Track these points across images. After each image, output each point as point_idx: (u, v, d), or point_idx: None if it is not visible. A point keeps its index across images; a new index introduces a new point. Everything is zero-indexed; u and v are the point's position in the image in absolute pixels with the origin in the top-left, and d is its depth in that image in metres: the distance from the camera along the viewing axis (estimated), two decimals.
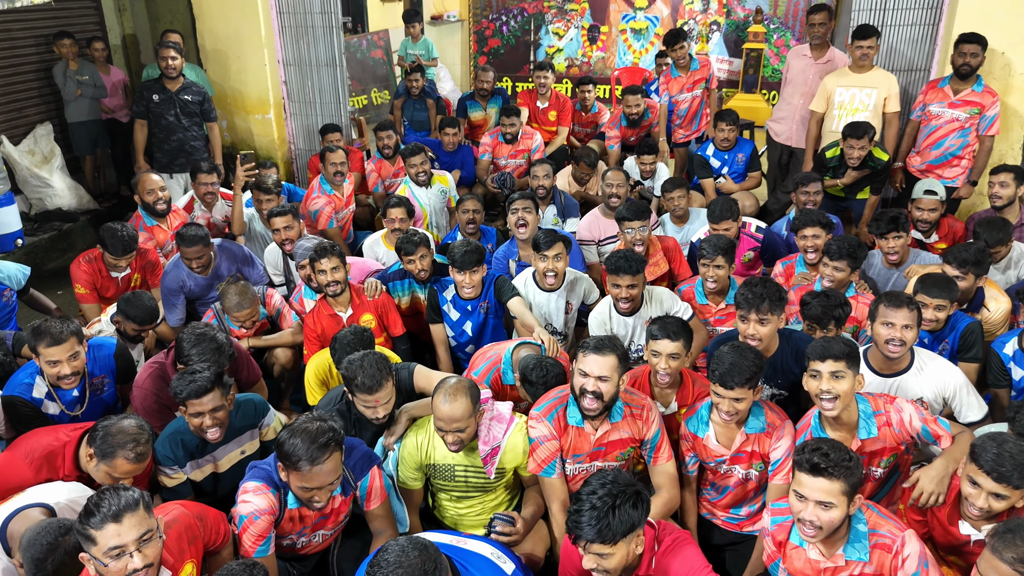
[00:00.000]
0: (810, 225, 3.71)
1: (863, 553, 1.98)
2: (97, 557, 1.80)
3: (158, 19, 7.80)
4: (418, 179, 4.87)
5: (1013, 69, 4.81)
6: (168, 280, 3.95)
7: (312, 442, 2.12)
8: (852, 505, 1.92)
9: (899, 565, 1.93)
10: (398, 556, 1.74)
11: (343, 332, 2.89)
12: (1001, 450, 2.01)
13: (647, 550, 1.95)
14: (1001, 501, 2.00)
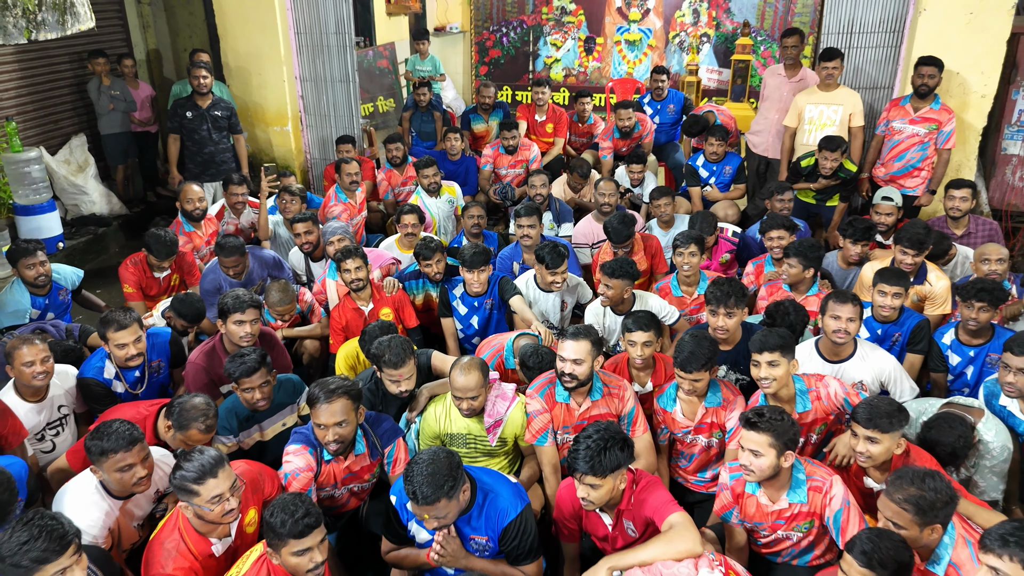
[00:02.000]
0: (775, 228, 4.20)
1: (802, 496, 2.46)
2: (201, 505, 2.27)
3: (178, 34, 8.33)
4: (429, 188, 5.36)
5: (968, 88, 5.29)
6: (207, 282, 4.43)
7: (325, 387, 2.63)
8: (784, 458, 2.40)
9: (827, 503, 2.42)
10: (431, 455, 2.29)
11: (372, 325, 3.37)
12: (871, 404, 2.54)
13: (627, 488, 2.44)
14: (876, 445, 2.50)
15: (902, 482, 2.20)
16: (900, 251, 3.87)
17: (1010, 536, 1.92)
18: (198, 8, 8.21)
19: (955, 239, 4.60)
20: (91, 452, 2.51)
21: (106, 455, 2.47)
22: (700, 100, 9.85)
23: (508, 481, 2.54)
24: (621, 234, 4.25)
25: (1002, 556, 1.91)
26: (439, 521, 2.32)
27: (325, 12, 6.27)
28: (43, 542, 1.98)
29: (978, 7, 5.09)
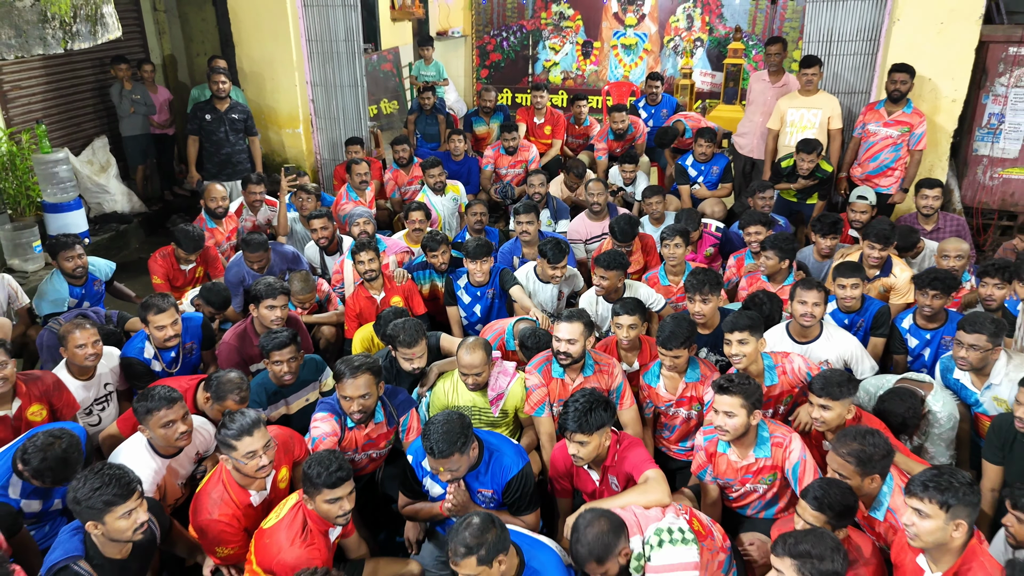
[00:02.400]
0: (753, 223, 4.56)
1: (766, 451, 2.82)
2: (237, 459, 2.62)
3: (191, 40, 8.68)
4: (435, 187, 5.72)
5: (940, 93, 5.65)
6: (231, 275, 4.79)
7: (350, 364, 2.98)
8: (752, 416, 2.75)
9: (787, 456, 2.78)
10: (445, 416, 2.65)
11: (386, 311, 3.73)
12: (824, 376, 2.91)
13: (612, 447, 2.79)
14: (828, 411, 2.85)
15: (846, 439, 2.55)
16: (868, 245, 4.23)
17: (929, 482, 2.27)
18: (210, 15, 8.56)
19: (925, 234, 4.95)
20: (138, 413, 2.87)
21: (151, 413, 2.83)
22: (694, 102, 10.22)
23: (511, 442, 2.90)
24: (627, 234, 4.60)
25: (923, 499, 2.25)
26: (452, 474, 2.67)
27: (335, 21, 6.63)
28: (113, 488, 2.33)
29: (948, 17, 5.44)
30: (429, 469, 2.81)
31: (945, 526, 2.21)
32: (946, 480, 2.24)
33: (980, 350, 3.21)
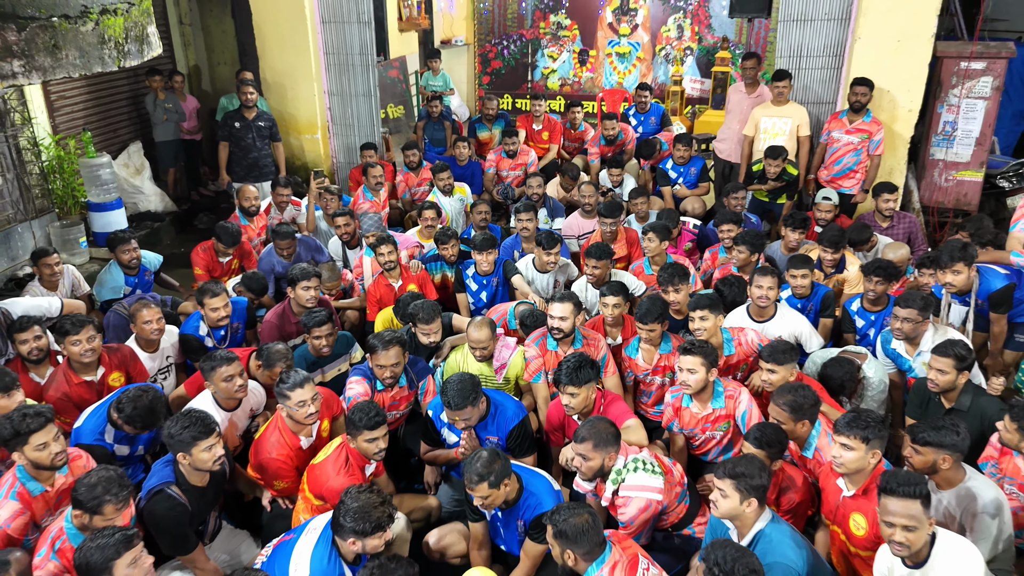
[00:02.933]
0: (726, 222, 5.19)
1: (721, 402, 3.45)
2: (291, 407, 3.24)
3: (212, 50, 9.31)
4: (443, 189, 6.35)
5: (898, 104, 6.27)
6: (263, 264, 5.42)
7: (382, 338, 3.61)
8: (711, 373, 3.37)
9: (736, 405, 3.41)
10: (459, 376, 3.25)
11: (405, 295, 4.36)
12: (771, 345, 3.54)
13: (597, 401, 3.42)
14: (774, 374, 3.47)
15: (783, 392, 3.18)
16: (822, 249, 4.85)
17: (852, 422, 2.87)
18: (229, 27, 9.19)
19: (881, 231, 5.58)
20: (205, 371, 3.50)
21: (215, 370, 3.45)
22: (684, 108, 10.82)
23: (512, 399, 3.53)
24: (612, 209, 5.27)
25: (848, 435, 2.86)
26: (465, 423, 3.29)
27: (351, 36, 7.26)
28: (199, 426, 2.95)
29: (904, 36, 6.07)
30: (446, 420, 3.44)
31: (865, 455, 2.83)
32: (864, 420, 2.86)
33: (912, 322, 3.82)
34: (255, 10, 7.36)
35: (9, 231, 6.25)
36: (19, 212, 6.37)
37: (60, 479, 3.06)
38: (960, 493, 2.94)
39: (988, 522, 2.85)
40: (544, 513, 2.73)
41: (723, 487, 2.73)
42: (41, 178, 6.52)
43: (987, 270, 4.03)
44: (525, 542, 2.94)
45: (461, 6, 11.67)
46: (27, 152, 6.41)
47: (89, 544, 2.44)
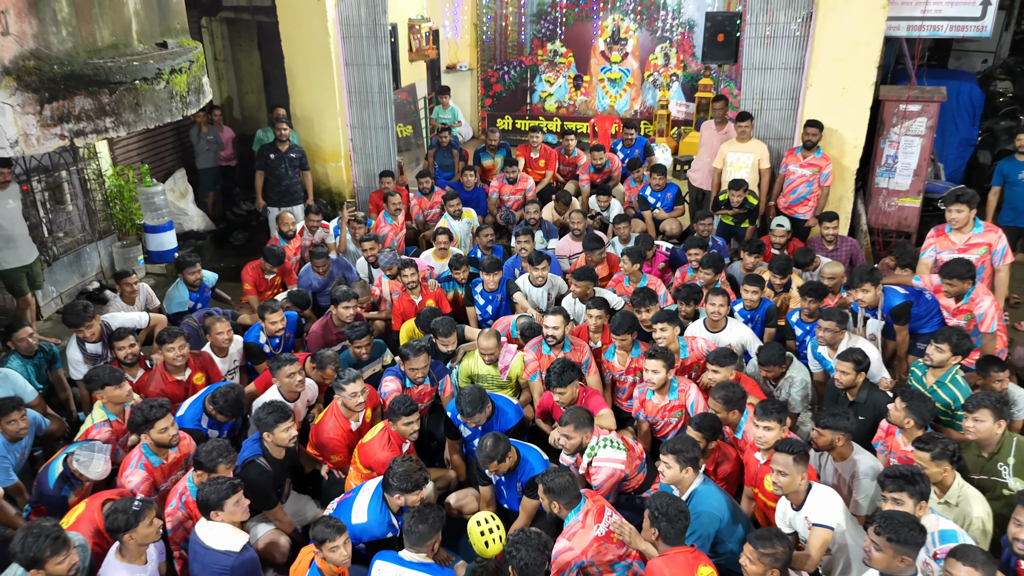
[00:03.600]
0: (693, 246, 6.19)
1: (675, 395, 4.45)
2: (345, 397, 4.24)
3: (242, 82, 10.32)
4: (453, 214, 7.35)
5: (845, 141, 7.27)
6: (302, 281, 6.43)
7: (413, 347, 4.60)
8: (669, 373, 4.37)
9: (686, 397, 4.41)
10: (470, 390, 4.21)
11: (424, 310, 5.37)
12: (715, 351, 4.52)
13: (580, 394, 4.41)
14: (717, 374, 4.45)
15: (718, 388, 4.18)
16: (772, 275, 5.85)
17: (769, 408, 3.86)
18: (256, 59, 10.21)
19: (826, 253, 6.57)
20: (272, 370, 4.50)
21: (280, 368, 4.44)
22: (670, 129, 11.84)
23: (512, 403, 4.49)
24: (593, 244, 6.26)
25: (767, 419, 3.85)
26: (475, 424, 4.27)
27: (371, 76, 8.27)
28: (280, 412, 3.95)
29: (849, 83, 7.07)
30: (461, 420, 4.42)
31: (780, 433, 3.83)
32: (777, 405, 3.87)
33: (832, 332, 4.81)
34: (287, 55, 8.36)
35: (79, 251, 7.24)
36: (86, 235, 7.37)
37: (172, 454, 4.06)
38: (848, 463, 3.94)
39: (868, 483, 3.85)
40: (537, 476, 3.73)
41: (667, 460, 3.72)
42: (104, 204, 7.52)
43: (889, 290, 5.04)
44: (523, 499, 3.94)
45: (465, 34, 12.69)
46: (91, 182, 7.41)
47: (208, 487, 3.44)
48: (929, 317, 5.05)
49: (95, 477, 3.94)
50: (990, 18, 6.89)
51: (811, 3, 6.98)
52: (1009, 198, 6.96)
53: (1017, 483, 3.80)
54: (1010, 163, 6.93)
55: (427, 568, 3.38)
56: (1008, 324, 6.84)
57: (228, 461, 3.71)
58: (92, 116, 5.35)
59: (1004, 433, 3.85)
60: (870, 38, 6.87)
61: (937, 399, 4.36)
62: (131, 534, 3.33)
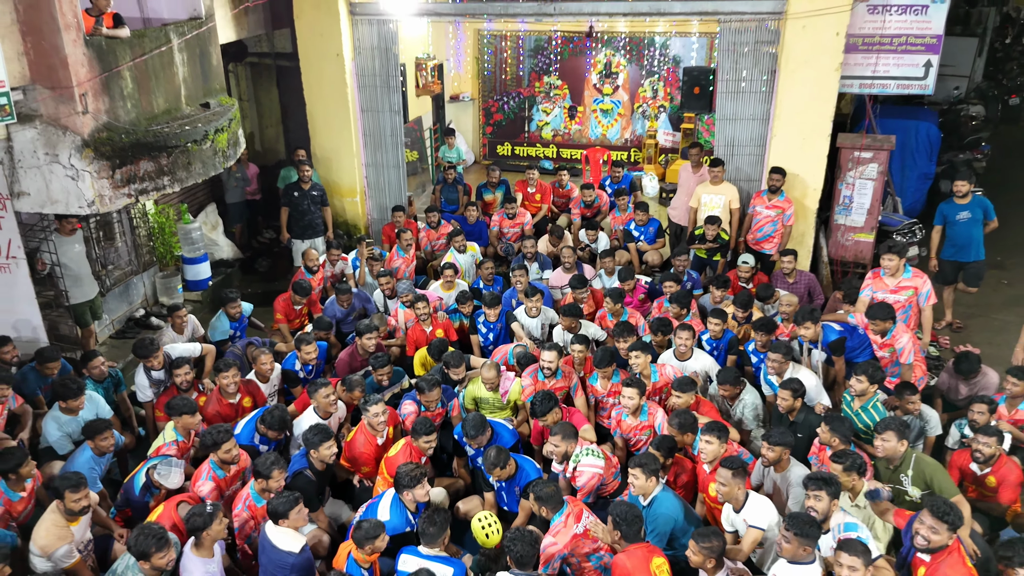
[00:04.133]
0: (667, 280, 7.12)
1: (645, 417, 5.37)
2: (370, 418, 5.17)
3: (262, 116, 11.24)
4: (459, 249, 8.28)
5: (806, 184, 8.19)
6: (327, 311, 7.36)
7: (429, 382, 5.52)
8: (642, 399, 5.30)
9: (654, 420, 5.33)
10: (474, 416, 5.13)
11: (435, 341, 6.30)
12: (678, 379, 5.44)
13: (564, 414, 5.33)
14: (680, 399, 5.38)
15: (675, 416, 5.11)
16: (734, 309, 6.77)
17: (713, 427, 4.79)
18: (274, 95, 11.13)
19: (786, 286, 7.50)
20: (310, 392, 5.43)
21: (318, 391, 5.37)
22: (658, 156, 12.79)
23: (508, 428, 5.42)
24: (579, 284, 7.17)
25: (710, 437, 4.77)
26: (477, 445, 5.18)
27: (384, 122, 9.21)
28: (324, 433, 4.88)
29: (808, 134, 7.99)
30: (466, 441, 5.34)
31: (720, 447, 4.76)
32: (719, 425, 4.81)
33: (778, 362, 5.74)
34: (309, 101, 9.30)
35: (127, 283, 8.18)
36: (133, 267, 8.29)
37: (233, 468, 4.99)
38: (787, 474, 4.87)
39: (799, 491, 4.77)
40: (530, 483, 4.66)
41: (635, 472, 4.64)
42: (147, 239, 8.45)
43: (827, 326, 5.98)
44: (521, 501, 4.87)
45: (468, 67, 13.62)
46: (137, 220, 8.33)
47: (276, 500, 4.36)
48: (862, 349, 5.99)
49: (172, 487, 4.88)
50: (932, 78, 7.81)
51: (775, 63, 7.90)
52: (950, 236, 7.87)
53: (915, 491, 4.74)
54: (949, 205, 7.85)
55: (440, 559, 4.30)
56: (949, 348, 7.81)
57: (280, 468, 4.64)
58: (153, 176, 6.30)
59: (906, 450, 4.79)
60: (826, 95, 7.80)
61: (861, 421, 5.32)
62: (207, 532, 4.25)
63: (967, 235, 7.73)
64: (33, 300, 6.25)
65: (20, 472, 4.77)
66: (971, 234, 7.72)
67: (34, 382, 5.99)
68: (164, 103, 6.73)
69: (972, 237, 7.74)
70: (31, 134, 5.69)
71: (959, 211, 7.74)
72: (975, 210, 7.69)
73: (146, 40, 6.41)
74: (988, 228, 7.81)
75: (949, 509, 3.83)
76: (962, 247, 7.83)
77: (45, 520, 4.49)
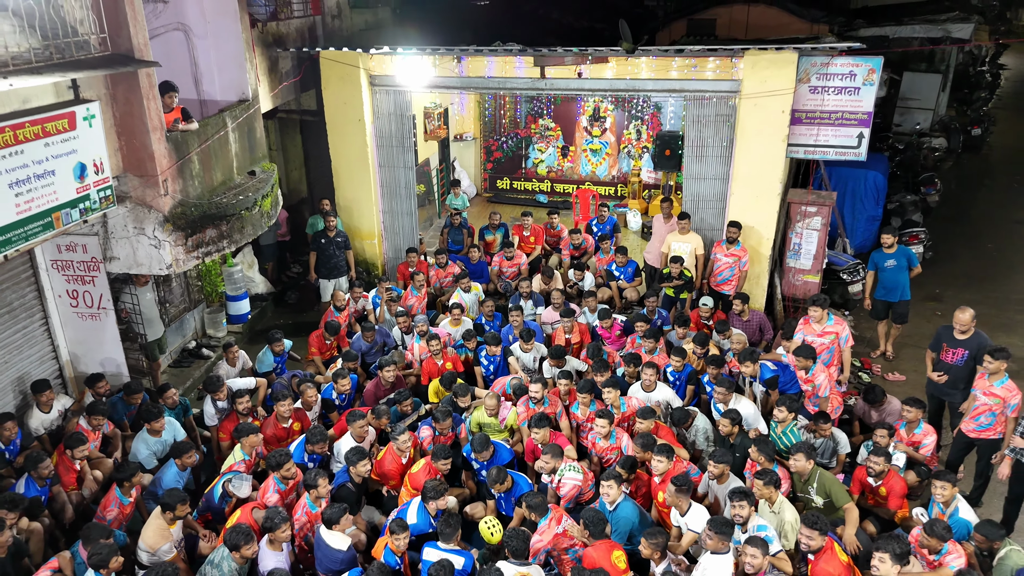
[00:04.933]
0: (639, 320, 8.52)
1: (614, 440, 6.77)
2: (399, 442, 6.58)
3: (288, 162, 12.65)
4: (464, 289, 9.69)
5: (761, 234, 9.60)
6: (354, 345, 8.76)
7: (443, 412, 6.93)
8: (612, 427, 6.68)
9: (621, 444, 6.73)
10: (479, 436, 6.55)
11: (446, 374, 7.71)
12: (640, 409, 6.86)
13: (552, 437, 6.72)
14: (642, 425, 6.79)
15: (638, 438, 6.51)
16: (693, 346, 8.17)
17: (662, 448, 6.20)
18: (299, 143, 12.55)
19: (740, 324, 8.90)
20: (349, 421, 6.82)
21: (355, 421, 6.77)
22: (642, 192, 14.18)
23: (505, 447, 6.81)
24: (567, 314, 8.59)
25: (659, 456, 6.18)
26: (482, 459, 6.59)
27: (398, 176, 10.64)
28: (360, 453, 6.28)
29: (761, 193, 9.39)
30: (473, 456, 6.73)
31: (668, 465, 6.16)
32: (667, 447, 6.21)
33: (723, 394, 7.15)
34: (334, 158, 10.72)
35: (182, 318, 9.58)
36: (186, 304, 9.70)
37: (291, 482, 6.39)
38: (725, 486, 6.26)
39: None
40: (523, 494, 6.06)
41: (608, 484, 6.03)
42: (196, 279, 9.85)
43: (763, 364, 7.39)
44: (515, 509, 6.28)
45: (470, 110, 15.02)
46: None
47: (328, 510, 5.75)
48: (792, 383, 7.41)
49: (243, 496, 6.28)
50: (863, 147, 9.20)
51: (732, 132, 9.30)
52: (880, 280, 9.26)
53: (819, 498, 6.15)
54: (879, 254, 9.24)
55: (455, 551, 5.69)
56: (880, 375, 9.23)
57: (324, 477, 6.03)
58: (216, 240, 7.69)
59: (812, 467, 6.19)
60: (775, 161, 9.20)
61: (782, 443, 6.72)
62: (276, 533, 5.65)
63: (894, 280, 9.13)
64: (118, 342, 7.65)
65: (132, 481, 6.18)
66: (897, 279, 9.12)
67: (121, 410, 7.40)
68: (221, 176, 8.14)
69: (898, 281, 9.13)
70: (122, 212, 7.08)
71: (887, 259, 9.14)
72: (900, 259, 9.08)
73: (208, 128, 7.81)
74: (913, 273, 9.20)
75: (817, 519, 5.23)
76: (890, 289, 9.22)
77: (151, 524, 5.89)
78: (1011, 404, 6.44)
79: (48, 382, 7.05)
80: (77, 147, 6.05)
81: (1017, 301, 11.12)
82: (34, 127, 5.59)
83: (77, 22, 6.12)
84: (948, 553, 5.44)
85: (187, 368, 9.25)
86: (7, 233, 5.48)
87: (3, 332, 7.08)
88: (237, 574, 5.47)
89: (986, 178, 17.80)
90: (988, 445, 6.71)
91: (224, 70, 8.55)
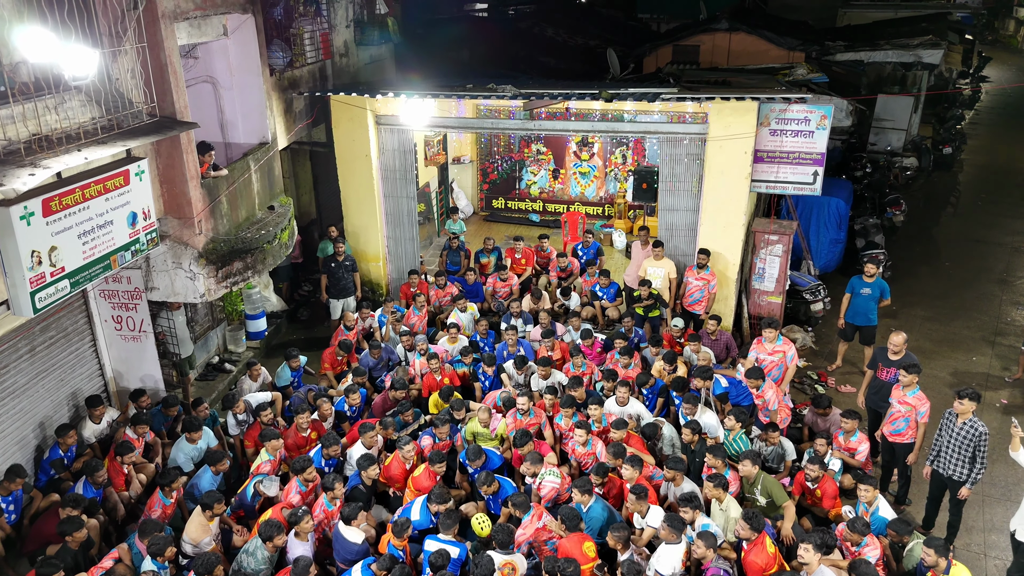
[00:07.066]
0: (617, 338, 9.58)
1: (591, 447, 7.84)
2: (405, 452, 7.63)
3: (298, 188, 13.69)
4: (461, 309, 10.74)
5: (728, 260, 10.65)
6: (362, 361, 9.82)
7: (440, 419, 7.98)
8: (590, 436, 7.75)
9: (596, 452, 7.80)
10: (472, 446, 7.62)
11: (444, 388, 8.77)
12: (614, 421, 7.92)
13: (536, 446, 7.78)
14: (616, 434, 7.85)
15: (611, 447, 7.56)
16: (663, 363, 9.23)
17: (633, 457, 7.25)
18: (308, 169, 13.58)
19: (709, 343, 9.95)
20: (361, 432, 7.88)
21: (366, 432, 7.82)
22: (627, 212, 15.23)
23: (496, 453, 7.87)
24: (548, 335, 9.65)
25: (627, 466, 7.24)
26: (475, 466, 7.63)
27: (402, 205, 11.69)
28: (369, 459, 7.34)
29: (728, 223, 10.45)
30: (467, 463, 7.78)
31: (635, 474, 7.21)
32: (636, 458, 7.27)
33: (688, 408, 8.20)
34: (343, 188, 11.78)
35: (207, 335, 10.64)
36: (210, 323, 10.75)
37: (311, 485, 7.44)
38: (680, 488, 7.32)
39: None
40: (509, 496, 7.11)
41: (575, 492, 7.08)
42: (219, 300, 10.90)
43: (716, 380, 8.45)
44: (502, 508, 7.33)
45: (468, 135, 16.06)
46: None
47: (346, 509, 6.80)
48: (744, 397, 8.48)
49: (271, 495, 7.33)
50: (819, 184, 10.25)
51: (702, 169, 10.36)
52: (854, 303, 10.20)
53: (762, 498, 7.21)
54: (858, 280, 10.17)
55: (451, 542, 6.74)
56: (833, 388, 10.29)
57: (339, 481, 7.09)
58: (242, 271, 8.75)
59: (757, 471, 7.25)
60: (740, 195, 10.26)
61: (731, 449, 7.78)
62: (300, 526, 6.71)
63: (865, 306, 10.11)
64: (156, 360, 8.71)
65: (172, 485, 7.23)
66: (868, 306, 10.09)
67: (160, 421, 8.45)
68: (245, 212, 9.20)
69: (869, 308, 10.11)
70: (162, 249, 8.14)
71: (864, 287, 10.10)
72: (875, 289, 10.03)
73: (235, 172, 8.87)
74: (882, 304, 10.17)
75: (752, 516, 6.29)
76: (860, 314, 10.19)
77: (193, 520, 6.94)
78: (920, 411, 7.56)
79: (100, 397, 8.11)
80: (130, 199, 7.10)
81: (964, 317, 12.17)
82: (97, 186, 6.64)
83: (130, 91, 7.17)
84: (867, 546, 6.50)
85: (212, 381, 10.30)
86: (77, 275, 6.53)
87: (60, 354, 8.13)
88: (268, 561, 6.52)
89: (952, 196, 18.85)
90: (904, 448, 7.79)
91: (248, 117, 9.61)
